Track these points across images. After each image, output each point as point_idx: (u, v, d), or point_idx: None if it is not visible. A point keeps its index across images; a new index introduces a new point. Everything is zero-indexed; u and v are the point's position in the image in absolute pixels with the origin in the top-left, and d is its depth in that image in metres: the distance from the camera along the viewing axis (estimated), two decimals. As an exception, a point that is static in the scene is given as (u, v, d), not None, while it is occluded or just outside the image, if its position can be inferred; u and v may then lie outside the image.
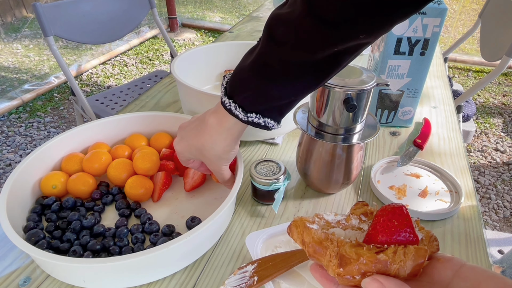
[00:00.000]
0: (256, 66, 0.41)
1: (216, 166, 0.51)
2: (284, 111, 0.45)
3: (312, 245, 0.30)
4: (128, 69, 2.90)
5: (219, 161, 0.50)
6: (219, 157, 0.49)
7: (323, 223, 0.32)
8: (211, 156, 0.49)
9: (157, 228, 0.51)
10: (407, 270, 0.27)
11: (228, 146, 0.48)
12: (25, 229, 0.50)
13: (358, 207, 0.33)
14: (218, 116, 0.46)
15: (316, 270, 0.31)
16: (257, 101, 0.43)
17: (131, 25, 1.53)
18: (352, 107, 0.48)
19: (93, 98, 1.52)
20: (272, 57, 0.39)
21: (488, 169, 1.93)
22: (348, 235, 0.31)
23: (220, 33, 3.54)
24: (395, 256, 0.27)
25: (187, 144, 0.50)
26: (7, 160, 1.91)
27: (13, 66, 2.72)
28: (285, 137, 0.75)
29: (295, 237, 0.32)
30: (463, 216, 0.57)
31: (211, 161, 0.50)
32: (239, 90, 0.43)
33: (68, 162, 0.59)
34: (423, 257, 0.27)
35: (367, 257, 0.27)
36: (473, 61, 2.95)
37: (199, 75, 0.85)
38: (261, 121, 0.44)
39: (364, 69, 0.52)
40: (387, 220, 0.28)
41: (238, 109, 0.43)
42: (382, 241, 0.28)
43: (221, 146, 0.47)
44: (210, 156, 0.49)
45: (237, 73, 0.43)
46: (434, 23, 0.64)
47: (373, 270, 0.27)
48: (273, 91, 0.41)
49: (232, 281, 0.41)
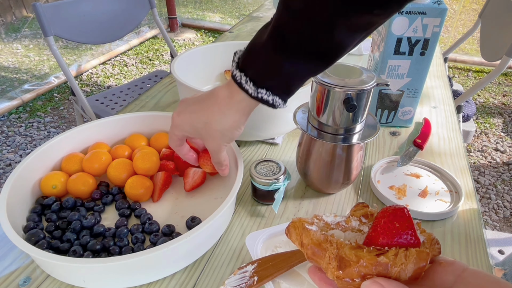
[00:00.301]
0: (271, 38, 0.41)
1: (216, 145, 0.49)
2: (293, 89, 0.45)
3: (311, 247, 0.29)
4: (128, 69, 2.90)
5: (222, 138, 0.48)
6: (222, 134, 0.47)
7: (322, 225, 0.31)
8: (214, 131, 0.47)
9: (157, 228, 0.51)
10: (408, 273, 0.26)
11: (236, 122, 0.46)
12: (25, 229, 0.50)
13: (358, 209, 0.32)
14: (229, 89, 0.45)
15: (315, 273, 0.31)
16: (269, 75, 0.42)
17: (131, 25, 1.53)
18: (352, 107, 0.48)
19: (93, 98, 1.52)
20: (287, 27, 0.39)
21: (488, 169, 1.93)
22: (347, 237, 0.31)
23: (220, 33, 3.54)
24: (396, 258, 0.26)
25: (190, 116, 0.48)
26: (7, 160, 1.91)
27: (13, 66, 2.72)
28: (285, 137, 0.75)
29: (294, 238, 0.31)
30: (463, 216, 0.57)
31: (213, 137, 0.48)
32: (252, 63, 0.43)
33: (68, 162, 0.59)
34: (425, 260, 0.27)
35: (367, 260, 0.26)
36: (473, 61, 2.95)
37: (199, 75, 0.85)
38: (270, 99, 0.43)
39: (364, 69, 0.52)
40: (388, 222, 0.27)
41: (249, 83, 0.42)
42: (383, 244, 0.27)
43: (229, 120, 0.46)
44: (213, 132, 0.47)
45: (251, 47, 0.43)
46: (434, 23, 0.64)
47: (373, 273, 0.26)
48: (286, 66, 0.41)
49: (232, 281, 0.41)
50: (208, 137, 0.48)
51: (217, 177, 0.62)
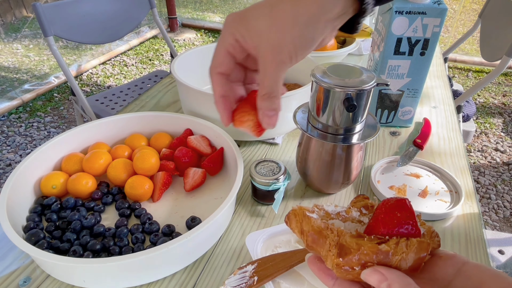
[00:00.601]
0: None
1: (276, 63, 0.35)
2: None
3: (311, 234, 0.29)
4: (128, 69, 2.90)
5: (291, 53, 0.34)
6: (296, 45, 0.34)
7: (323, 214, 0.31)
8: (290, 38, 0.34)
9: (157, 228, 0.51)
10: (409, 263, 0.26)
11: (329, 22, 0.34)
12: (25, 229, 0.50)
13: (359, 200, 0.32)
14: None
15: (314, 263, 0.30)
16: None
17: (131, 25, 1.53)
18: (352, 107, 0.48)
19: (93, 98, 1.53)
20: None
21: (488, 169, 1.93)
22: (348, 227, 0.30)
23: (220, 33, 3.54)
24: (397, 247, 0.26)
25: (246, 10, 0.35)
26: (7, 160, 1.91)
27: (13, 66, 2.72)
28: (285, 137, 0.75)
29: (293, 226, 0.31)
30: (463, 216, 0.57)
31: (280, 47, 0.34)
32: None
33: (68, 162, 0.59)
34: (426, 250, 0.26)
35: (368, 247, 0.26)
36: (473, 61, 2.95)
37: (199, 75, 0.85)
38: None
39: (364, 69, 0.52)
40: (390, 212, 0.27)
41: None
42: (383, 233, 0.27)
43: (324, 16, 0.33)
44: (288, 39, 0.33)
45: None
46: (434, 23, 0.64)
47: (374, 261, 0.26)
48: None
49: (232, 281, 0.41)
50: (272, 48, 0.34)
51: (217, 177, 0.62)
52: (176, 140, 0.64)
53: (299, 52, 0.35)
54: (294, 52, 0.35)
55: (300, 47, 0.35)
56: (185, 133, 0.65)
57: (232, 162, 0.59)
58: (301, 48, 0.35)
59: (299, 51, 0.35)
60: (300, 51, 0.35)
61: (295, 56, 0.35)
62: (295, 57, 0.35)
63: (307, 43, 0.35)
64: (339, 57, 0.97)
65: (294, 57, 0.35)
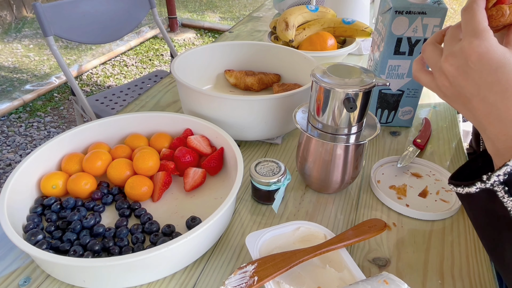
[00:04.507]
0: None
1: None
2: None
3: None
4: (128, 69, 2.90)
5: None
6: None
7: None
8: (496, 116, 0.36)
9: (157, 228, 0.51)
10: None
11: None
12: (25, 229, 0.50)
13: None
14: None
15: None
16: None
17: (131, 25, 1.53)
18: (352, 107, 0.48)
19: (93, 98, 1.53)
20: None
21: (488, 169, 1.92)
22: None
23: (220, 33, 3.54)
24: None
25: (472, 85, 0.37)
26: (7, 160, 1.91)
27: (13, 66, 2.72)
28: (285, 137, 0.75)
29: None
30: (463, 216, 0.57)
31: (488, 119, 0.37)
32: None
33: (68, 162, 0.59)
34: None
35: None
36: (473, 61, 2.94)
37: (199, 75, 0.85)
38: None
39: (364, 69, 0.52)
40: None
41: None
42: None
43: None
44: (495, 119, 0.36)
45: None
46: (434, 23, 0.64)
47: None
48: None
49: (232, 281, 0.41)
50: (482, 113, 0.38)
51: (217, 177, 0.62)
52: (176, 140, 0.64)
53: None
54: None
55: None
56: (185, 133, 0.65)
57: (232, 162, 0.59)
58: None
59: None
60: None
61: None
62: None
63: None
64: (339, 57, 0.97)
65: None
